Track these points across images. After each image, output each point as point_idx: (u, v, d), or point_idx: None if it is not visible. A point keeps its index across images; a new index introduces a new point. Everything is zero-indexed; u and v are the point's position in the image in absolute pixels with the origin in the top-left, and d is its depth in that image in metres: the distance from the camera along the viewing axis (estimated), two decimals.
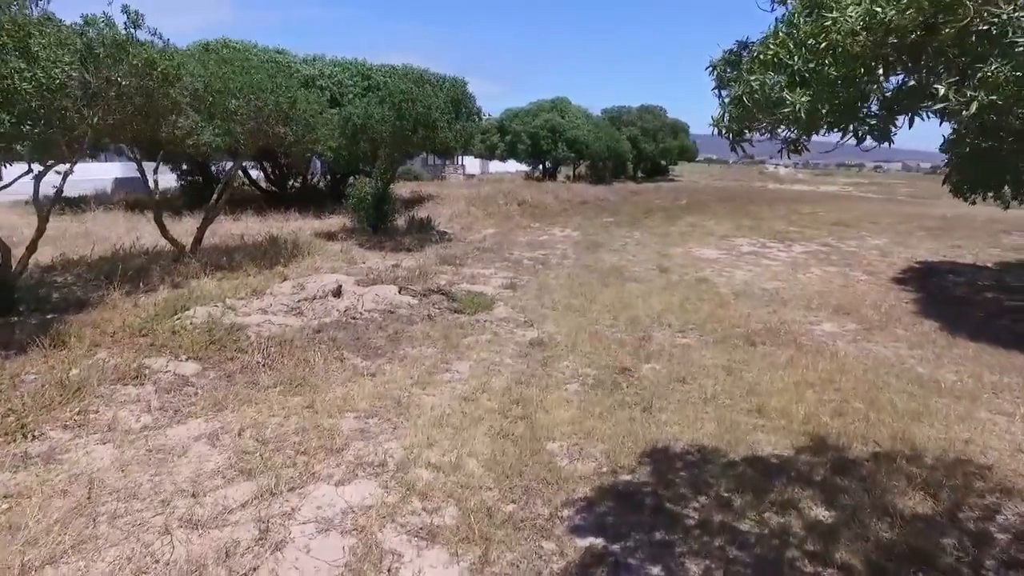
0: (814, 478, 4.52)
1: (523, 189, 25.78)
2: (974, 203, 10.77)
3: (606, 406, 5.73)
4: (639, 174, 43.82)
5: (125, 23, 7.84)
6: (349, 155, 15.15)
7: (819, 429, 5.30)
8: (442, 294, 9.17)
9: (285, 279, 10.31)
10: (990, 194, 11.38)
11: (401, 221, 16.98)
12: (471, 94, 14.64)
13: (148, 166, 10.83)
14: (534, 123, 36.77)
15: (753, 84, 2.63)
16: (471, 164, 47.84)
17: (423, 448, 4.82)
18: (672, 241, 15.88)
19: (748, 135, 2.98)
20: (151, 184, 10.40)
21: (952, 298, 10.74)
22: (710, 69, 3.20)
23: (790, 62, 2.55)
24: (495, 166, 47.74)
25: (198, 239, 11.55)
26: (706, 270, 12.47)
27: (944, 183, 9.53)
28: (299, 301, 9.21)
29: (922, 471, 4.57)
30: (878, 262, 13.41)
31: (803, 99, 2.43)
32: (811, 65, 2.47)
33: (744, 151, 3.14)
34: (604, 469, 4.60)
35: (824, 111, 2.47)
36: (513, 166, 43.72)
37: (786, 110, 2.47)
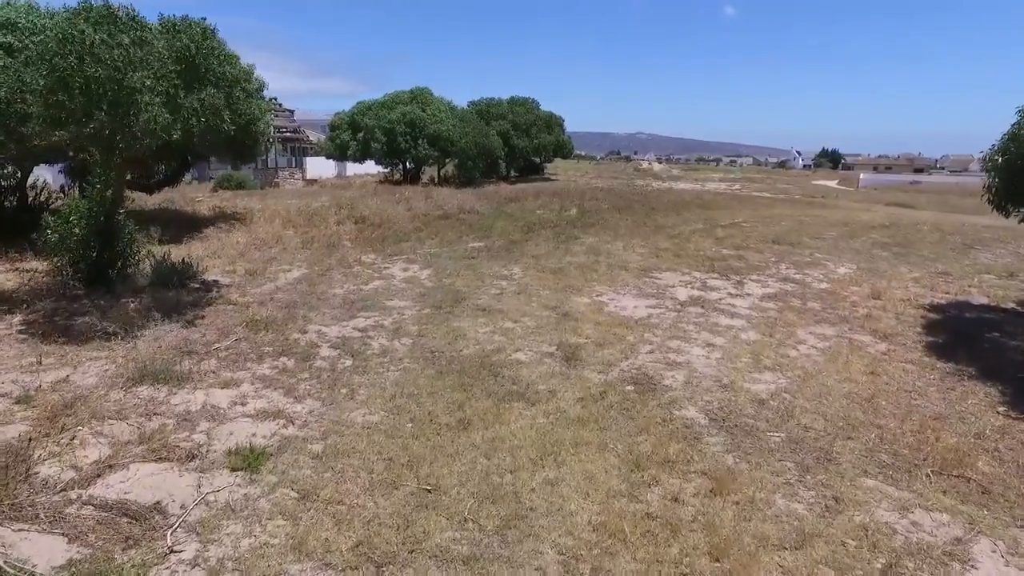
0: None
1: (370, 198, 19.69)
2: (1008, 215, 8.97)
3: None
4: (512, 173, 38.70)
5: None
6: None
7: None
8: None
9: None
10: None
11: (148, 265, 10.45)
12: (225, 45, 8.33)
13: None
14: (390, 117, 30.47)
15: None
16: (323, 166, 40.55)
17: None
18: (572, 282, 10.56)
19: None
20: None
21: None
22: None
23: None
24: (355, 167, 40.76)
25: None
26: (641, 351, 7.24)
27: (984, 197, 9.08)
28: None
29: None
30: (877, 312, 8.89)
31: None
32: None
33: None
34: None
35: None
36: (374, 167, 37.26)
37: None
